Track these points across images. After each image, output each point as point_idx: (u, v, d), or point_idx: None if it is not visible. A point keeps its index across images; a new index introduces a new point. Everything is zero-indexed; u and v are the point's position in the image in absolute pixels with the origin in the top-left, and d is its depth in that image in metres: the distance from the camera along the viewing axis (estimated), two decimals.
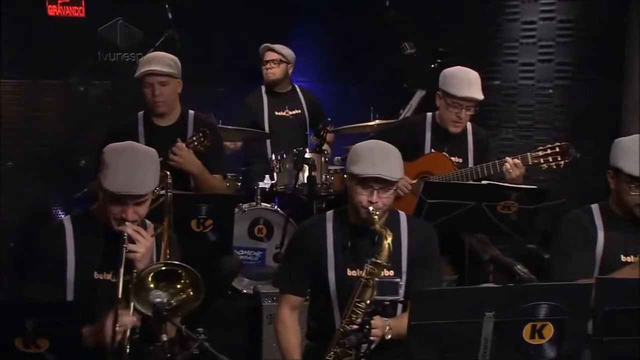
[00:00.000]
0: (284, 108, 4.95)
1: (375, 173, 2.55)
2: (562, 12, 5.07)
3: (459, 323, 2.07)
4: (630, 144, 2.76)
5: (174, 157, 3.30)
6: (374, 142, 2.74)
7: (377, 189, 2.57)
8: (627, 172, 2.68)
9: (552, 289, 2.17)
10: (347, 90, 5.65)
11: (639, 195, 2.66)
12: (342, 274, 2.60)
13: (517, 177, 3.41)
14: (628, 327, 2.12)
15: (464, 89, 3.57)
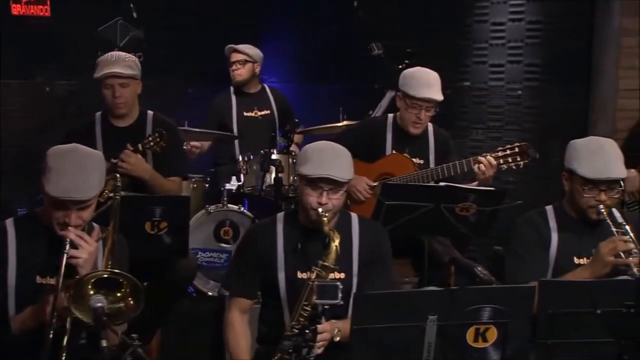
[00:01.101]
0: (252, 108, 4.93)
1: (324, 174, 2.53)
2: (531, 13, 5.08)
3: (402, 326, 2.05)
4: (585, 146, 2.75)
5: (122, 164, 3.27)
6: (323, 143, 2.72)
7: (327, 190, 2.55)
8: (581, 174, 2.68)
9: (495, 291, 2.16)
10: (318, 91, 5.64)
11: (592, 197, 2.66)
12: (292, 276, 2.57)
13: (490, 176, 3.40)
14: (572, 329, 2.12)
15: (423, 90, 3.56)
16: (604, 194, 2.64)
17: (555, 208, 2.77)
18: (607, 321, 2.06)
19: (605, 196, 2.64)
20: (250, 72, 4.86)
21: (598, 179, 2.64)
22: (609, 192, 2.65)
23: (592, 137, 2.82)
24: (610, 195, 2.65)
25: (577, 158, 2.71)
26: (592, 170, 2.65)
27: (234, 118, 4.84)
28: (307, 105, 5.55)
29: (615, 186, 2.67)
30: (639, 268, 2.44)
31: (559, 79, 5.05)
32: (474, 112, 5.37)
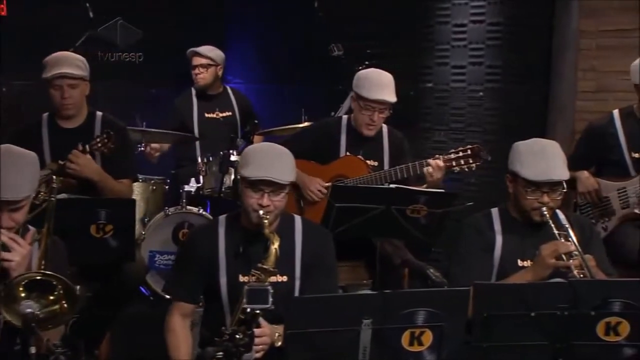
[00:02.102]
0: (214, 110, 4.90)
1: (265, 176, 2.50)
2: (492, 15, 5.08)
3: (337, 331, 2.03)
4: (527, 148, 2.75)
5: (71, 165, 3.22)
6: (265, 144, 2.70)
7: (268, 192, 2.52)
8: (523, 176, 2.67)
9: (429, 295, 2.15)
10: (282, 92, 5.62)
11: (535, 199, 2.66)
12: (234, 280, 2.54)
13: (438, 179, 3.39)
14: (507, 332, 2.11)
15: (376, 92, 3.54)
16: (547, 195, 2.64)
17: (500, 210, 2.77)
18: (542, 324, 2.06)
19: (548, 198, 2.64)
20: (214, 75, 4.83)
21: (540, 181, 2.63)
22: (551, 194, 2.65)
23: (535, 139, 2.82)
24: (553, 197, 2.65)
25: (520, 160, 2.71)
26: (534, 172, 2.64)
27: (195, 119, 4.81)
28: (271, 106, 5.53)
29: (558, 188, 2.67)
30: (579, 270, 2.44)
31: (519, 81, 5.06)
32: (436, 113, 5.36)
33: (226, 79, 5.35)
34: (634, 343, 2.06)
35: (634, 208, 3.54)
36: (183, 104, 4.85)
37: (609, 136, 3.64)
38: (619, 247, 3.53)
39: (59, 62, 3.36)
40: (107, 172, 3.37)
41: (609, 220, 3.63)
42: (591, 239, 2.71)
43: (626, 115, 3.66)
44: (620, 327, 2.05)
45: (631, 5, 4.51)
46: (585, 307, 2.05)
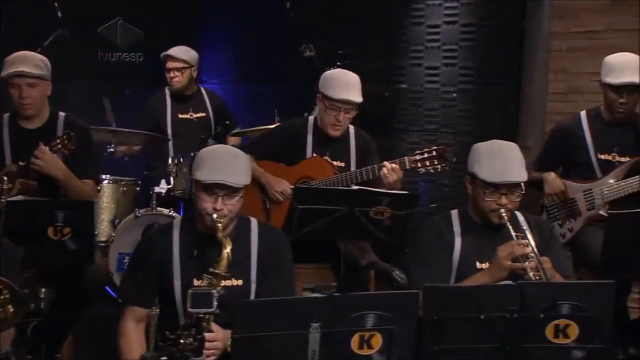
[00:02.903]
0: (188, 111, 4.87)
1: (218, 179, 2.48)
2: (465, 16, 5.09)
3: (285, 334, 2.01)
4: (485, 150, 2.75)
5: (36, 161, 3.17)
6: (220, 147, 2.68)
7: (222, 196, 2.49)
8: (481, 177, 2.67)
9: (379, 298, 2.14)
10: (256, 92, 5.60)
11: (493, 200, 2.65)
12: (189, 283, 2.50)
13: (394, 182, 3.38)
14: (457, 335, 2.10)
15: (341, 92, 3.52)
16: (505, 197, 2.63)
17: (459, 212, 2.77)
18: (491, 326, 2.05)
19: (506, 200, 2.63)
20: (188, 77, 4.81)
21: (498, 182, 2.63)
22: (509, 196, 2.64)
23: (494, 140, 2.82)
24: (511, 199, 2.65)
25: (478, 162, 2.71)
26: (492, 174, 2.64)
27: (168, 120, 4.78)
28: (245, 107, 5.51)
29: (516, 190, 2.67)
30: (534, 272, 2.44)
31: (492, 82, 5.07)
32: (410, 114, 5.36)
33: (201, 79, 5.33)
34: (583, 345, 2.05)
35: (600, 209, 3.53)
36: (156, 105, 4.82)
37: (576, 137, 3.63)
38: (584, 249, 3.54)
39: (17, 61, 3.32)
40: None
41: (575, 222, 3.63)
42: (550, 241, 2.71)
43: (593, 116, 3.66)
44: (569, 329, 2.05)
45: (601, 7, 4.53)
46: (535, 310, 2.04)
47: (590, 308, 2.02)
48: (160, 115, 4.79)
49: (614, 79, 3.46)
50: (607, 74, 3.51)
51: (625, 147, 3.57)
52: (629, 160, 3.56)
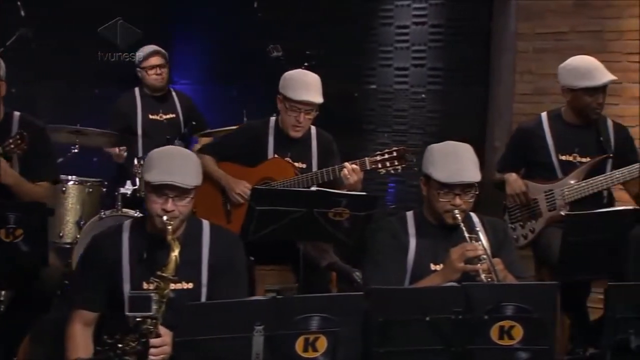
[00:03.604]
0: (158, 111, 4.83)
1: (168, 180, 2.45)
2: (433, 16, 5.10)
3: (228, 337, 1.99)
4: (440, 151, 2.75)
5: None
6: (170, 148, 2.66)
7: (172, 197, 2.47)
8: (436, 178, 2.67)
9: (323, 300, 2.12)
10: (227, 93, 5.57)
11: (447, 201, 2.65)
12: (138, 287, 2.47)
13: (355, 182, 3.36)
14: (404, 337, 2.09)
15: (301, 93, 3.51)
16: (459, 198, 2.64)
17: (415, 214, 2.76)
18: (437, 328, 2.04)
19: (460, 200, 2.64)
20: (168, 75, 4.77)
21: (452, 183, 2.63)
22: (463, 197, 2.65)
23: (448, 141, 2.83)
24: (465, 200, 2.65)
25: (432, 162, 2.71)
26: (446, 175, 2.64)
27: (138, 120, 4.73)
28: (215, 107, 5.47)
29: (470, 190, 2.67)
30: (486, 274, 2.43)
31: (460, 83, 5.09)
32: (380, 115, 5.37)
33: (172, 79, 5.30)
34: (527, 347, 2.05)
35: (560, 210, 3.55)
36: (126, 105, 4.76)
37: (537, 138, 3.65)
38: (545, 249, 3.55)
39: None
40: (25, 173, 3.27)
41: (537, 222, 3.64)
42: (504, 243, 2.72)
43: (554, 117, 3.68)
44: (513, 330, 2.05)
45: (565, 9, 4.55)
46: (480, 311, 2.04)
47: (535, 309, 2.02)
48: (131, 116, 4.74)
49: (594, 81, 3.47)
50: (581, 78, 3.49)
51: (586, 148, 3.59)
52: (589, 160, 3.58)
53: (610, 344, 1.99)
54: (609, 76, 3.49)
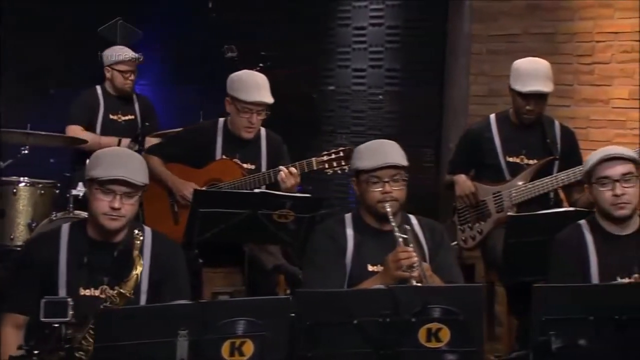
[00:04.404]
0: (118, 112, 4.78)
1: (118, 175, 2.41)
2: (390, 18, 5.12)
3: (151, 342, 1.96)
4: (365, 146, 2.81)
5: None
6: (115, 147, 2.63)
7: (120, 195, 2.43)
8: (362, 168, 2.69)
9: (249, 303, 2.11)
10: (184, 93, 5.53)
11: (378, 191, 2.66)
12: (75, 292, 2.43)
13: (291, 186, 3.36)
14: (332, 340, 2.07)
15: (253, 94, 3.49)
16: (388, 185, 2.66)
17: (352, 216, 2.76)
18: (364, 331, 2.03)
19: (390, 187, 2.66)
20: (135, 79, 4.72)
21: (378, 167, 2.66)
22: (392, 184, 2.67)
23: (375, 140, 2.86)
24: (395, 187, 2.67)
25: (359, 158, 2.75)
26: (372, 162, 2.68)
27: (99, 119, 4.67)
28: (173, 108, 5.43)
29: (399, 177, 2.70)
30: (417, 281, 2.44)
31: (417, 84, 5.11)
32: (338, 116, 5.37)
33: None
34: (455, 349, 2.05)
35: (508, 211, 3.57)
36: (91, 102, 4.69)
37: (485, 140, 3.66)
38: (492, 251, 3.57)
39: None
40: None
41: (485, 224, 3.66)
42: (441, 244, 2.73)
43: (502, 119, 3.70)
44: (441, 333, 2.04)
45: (518, 11, 4.58)
46: (407, 314, 2.03)
47: (462, 311, 2.02)
48: (93, 114, 4.68)
49: (522, 87, 3.49)
50: (516, 80, 3.53)
51: (533, 150, 3.62)
52: (536, 162, 3.61)
53: (534, 345, 1.99)
54: (538, 86, 3.47)
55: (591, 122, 4.33)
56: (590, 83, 4.32)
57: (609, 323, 2.02)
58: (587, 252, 2.67)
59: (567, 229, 2.77)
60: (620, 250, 2.66)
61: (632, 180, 2.67)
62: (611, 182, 2.66)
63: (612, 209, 2.65)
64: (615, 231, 2.71)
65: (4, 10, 4.84)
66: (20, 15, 4.98)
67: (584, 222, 2.75)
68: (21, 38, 4.99)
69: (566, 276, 2.55)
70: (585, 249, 2.67)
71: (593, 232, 2.71)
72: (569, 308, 2.04)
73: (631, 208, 2.68)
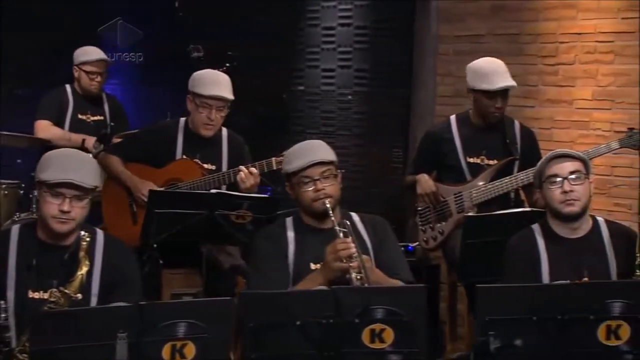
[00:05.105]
0: (86, 112, 4.74)
1: (67, 178, 2.39)
2: (359, 18, 5.10)
3: (89, 346, 1.94)
4: (293, 149, 2.82)
5: None
6: (66, 149, 2.60)
7: (70, 198, 2.41)
8: (293, 169, 2.70)
9: (190, 305, 2.09)
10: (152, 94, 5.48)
11: (312, 190, 2.67)
12: (23, 295, 2.41)
13: (251, 186, 3.34)
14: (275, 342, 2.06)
15: (212, 88, 3.47)
16: (320, 182, 2.67)
17: (293, 218, 2.77)
18: (308, 332, 2.02)
19: (322, 184, 2.67)
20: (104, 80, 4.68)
21: (307, 165, 2.68)
22: (324, 181, 2.68)
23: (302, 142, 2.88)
24: (328, 184, 2.68)
25: (287, 162, 2.77)
26: (300, 163, 2.70)
27: (67, 118, 4.63)
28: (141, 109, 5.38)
29: (329, 173, 2.70)
30: (357, 272, 2.44)
31: (385, 85, 5.10)
32: (308, 116, 5.35)
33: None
34: (399, 350, 2.04)
35: (468, 212, 3.57)
36: (59, 100, 4.64)
37: (446, 141, 3.67)
38: (452, 251, 3.57)
39: None
40: None
41: (446, 224, 3.66)
42: (385, 239, 2.74)
43: (462, 120, 3.70)
44: (384, 334, 2.03)
45: (485, 11, 4.59)
46: (350, 315, 2.02)
47: (405, 312, 2.02)
48: (61, 112, 4.64)
49: (491, 85, 3.50)
50: (480, 80, 3.53)
51: (493, 150, 3.63)
52: (496, 163, 3.62)
53: (475, 346, 1.99)
54: (507, 82, 3.50)
55: (555, 122, 4.34)
56: (554, 84, 4.34)
57: (551, 323, 2.02)
58: (539, 255, 2.68)
59: (519, 232, 2.78)
60: (571, 254, 2.67)
61: (581, 179, 2.68)
62: (560, 180, 2.67)
63: (561, 206, 2.66)
64: (566, 234, 2.72)
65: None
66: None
67: (536, 225, 2.76)
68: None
69: (518, 280, 2.54)
70: (536, 252, 2.68)
71: (544, 236, 2.72)
72: (513, 308, 2.04)
73: (580, 205, 2.69)
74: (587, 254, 2.66)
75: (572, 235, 2.71)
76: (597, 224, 2.74)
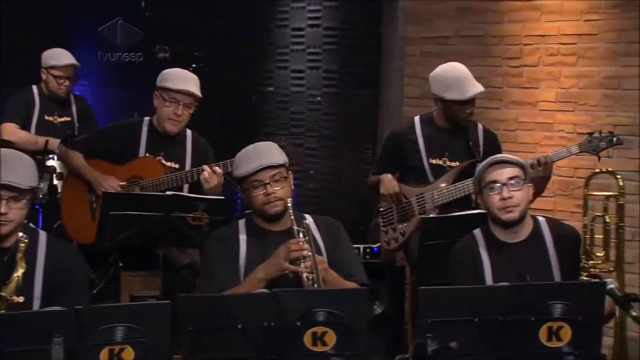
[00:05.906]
0: (53, 113, 4.69)
1: (3, 180, 2.36)
2: (327, 19, 5.10)
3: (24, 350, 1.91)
4: (242, 152, 2.81)
5: None
6: (6, 150, 2.56)
7: (7, 199, 2.37)
8: (242, 175, 2.69)
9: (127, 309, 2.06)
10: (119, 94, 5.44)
11: (262, 193, 2.66)
12: None
13: (215, 186, 3.32)
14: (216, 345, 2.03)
15: (180, 83, 3.47)
16: (270, 186, 2.66)
17: (246, 220, 2.76)
18: (249, 335, 2.00)
19: (272, 188, 2.66)
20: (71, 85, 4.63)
21: (255, 170, 2.66)
22: (274, 185, 2.67)
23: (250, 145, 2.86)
24: (277, 187, 2.67)
25: (237, 166, 2.77)
26: (249, 167, 2.68)
27: (34, 119, 4.57)
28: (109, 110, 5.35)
29: (279, 176, 2.69)
30: (309, 272, 2.43)
31: (354, 86, 5.10)
32: (277, 118, 5.33)
33: None
34: (341, 352, 2.03)
35: (430, 213, 3.56)
36: (26, 101, 4.59)
37: (409, 142, 3.66)
38: (413, 251, 3.56)
39: None
40: None
41: (408, 225, 3.65)
42: (338, 240, 2.73)
43: (426, 121, 3.69)
44: (327, 336, 2.02)
45: (449, 13, 4.59)
46: (292, 318, 2.00)
47: (347, 315, 2.00)
48: (28, 114, 4.57)
49: (462, 94, 3.48)
50: (449, 89, 3.51)
51: (455, 152, 3.62)
52: (458, 165, 3.62)
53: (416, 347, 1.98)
54: (476, 88, 3.51)
55: (520, 124, 4.35)
56: (519, 85, 4.35)
57: (493, 325, 2.01)
58: (481, 261, 2.68)
59: (462, 239, 2.78)
60: (513, 259, 2.66)
61: (520, 184, 2.68)
62: (499, 186, 2.67)
63: (500, 213, 2.66)
64: (507, 239, 2.71)
65: None
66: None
67: (477, 231, 2.77)
68: None
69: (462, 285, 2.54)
70: (479, 259, 2.68)
71: (486, 242, 2.72)
72: (455, 310, 2.03)
73: (519, 211, 2.68)
74: (529, 257, 2.66)
75: (513, 239, 2.71)
76: (539, 226, 2.73)
